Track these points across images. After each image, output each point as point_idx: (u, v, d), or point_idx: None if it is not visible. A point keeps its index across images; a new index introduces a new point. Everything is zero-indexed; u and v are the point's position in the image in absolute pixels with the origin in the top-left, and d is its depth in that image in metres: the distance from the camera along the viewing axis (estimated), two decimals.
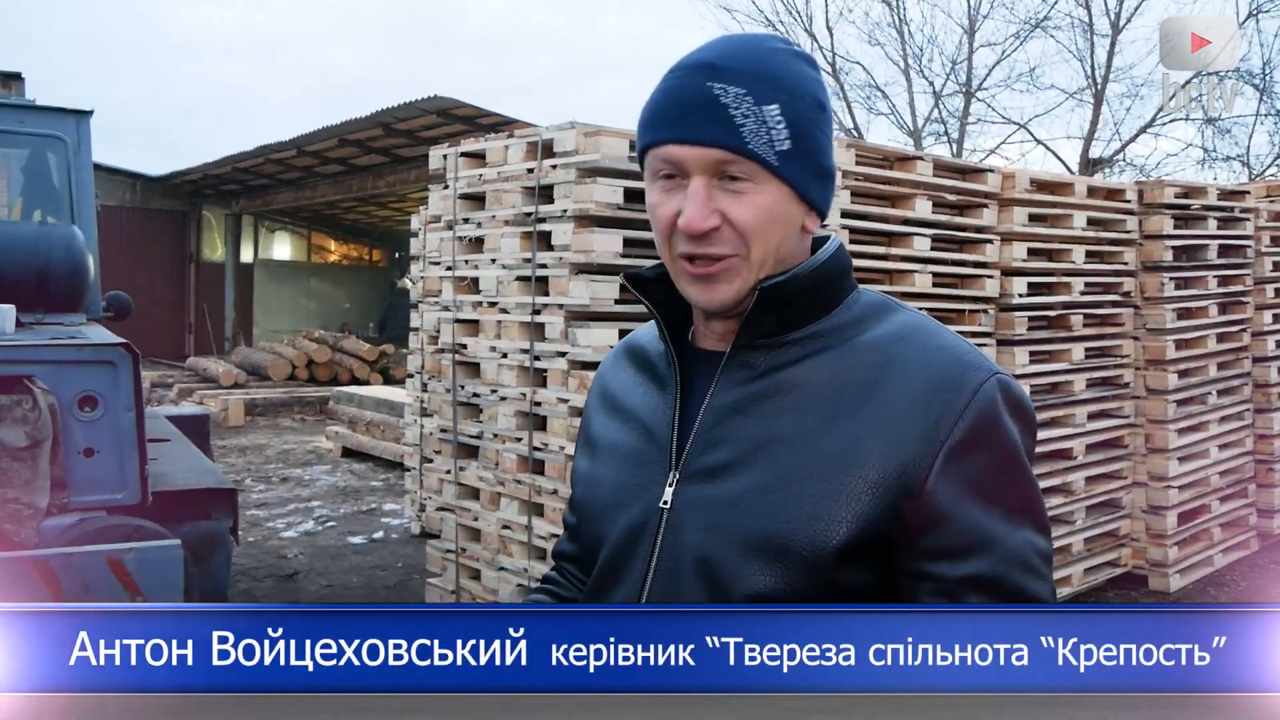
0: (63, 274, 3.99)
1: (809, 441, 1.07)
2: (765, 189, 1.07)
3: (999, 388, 1.08)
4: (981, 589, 1.05)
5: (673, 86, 1.09)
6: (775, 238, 1.09)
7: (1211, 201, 6.26)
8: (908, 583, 1.07)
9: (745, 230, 1.07)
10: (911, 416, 1.05)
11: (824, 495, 1.05)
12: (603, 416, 1.28)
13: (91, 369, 3.17)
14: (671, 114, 1.08)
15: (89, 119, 4.63)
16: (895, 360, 1.09)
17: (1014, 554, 1.06)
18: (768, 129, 1.06)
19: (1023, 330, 5.27)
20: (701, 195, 1.06)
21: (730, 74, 1.06)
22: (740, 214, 1.07)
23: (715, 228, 1.07)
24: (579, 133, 3.67)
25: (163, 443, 4.20)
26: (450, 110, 11.72)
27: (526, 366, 3.87)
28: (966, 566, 1.04)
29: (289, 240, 22.29)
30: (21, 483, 3.01)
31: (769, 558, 1.06)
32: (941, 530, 1.04)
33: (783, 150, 1.06)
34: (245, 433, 12.30)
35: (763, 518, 1.06)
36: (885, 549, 1.06)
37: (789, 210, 1.10)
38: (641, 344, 1.29)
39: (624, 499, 1.17)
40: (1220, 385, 6.34)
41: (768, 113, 1.06)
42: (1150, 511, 5.93)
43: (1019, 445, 1.09)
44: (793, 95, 1.08)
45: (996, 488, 1.06)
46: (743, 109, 1.05)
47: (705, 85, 1.06)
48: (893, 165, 4.87)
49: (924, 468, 1.04)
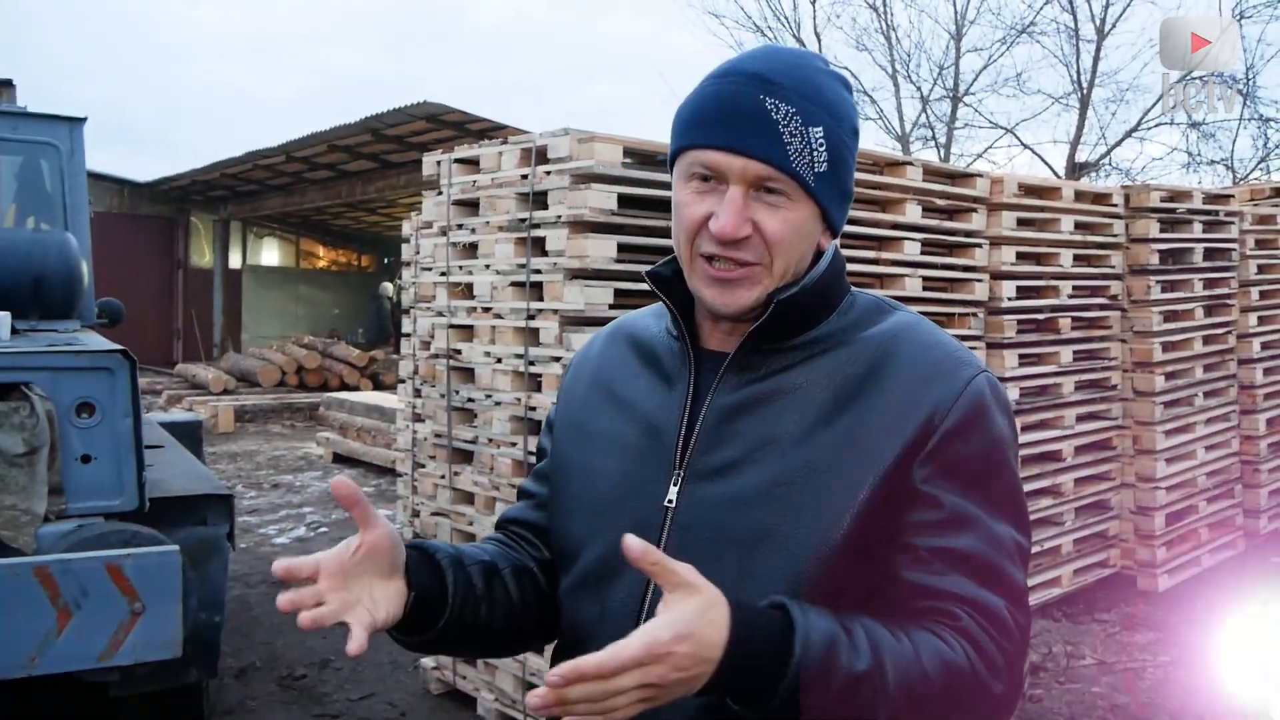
0: (57, 280, 3.99)
1: (810, 438, 1.10)
2: (799, 206, 1.11)
3: (988, 384, 1.13)
4: (957, 560, 1.07)
5: (724, 92, 1.10)
6: (798, 253, 1.13)
7: (1197, 205, 6.33)
8: (892, 561, 1.09)
9: (775, 242, 1.11)
10: (907, 409, 1.09)
11: (828, 488, 1.07)
12: (596, 403, 1.28)
13: (89, 375, 3.17)
14: (721, 120, 1.09)
15: (82, 125, 4.63)
16: (891, 356, 1.13)
17: (995, 537, 1.08)
18: (811, 150, 1.09)
19: (1012, 333, 5.31)
20: (739, 203, 1.09)
21: (782, 91, 1.08)
22: (773, 227, 1.10)
23: (747, 236, 1.10)
24: (573, 139, 3.69)
25: (158, 449, 4.20)
26: (439, 115, 11.73)
27: (521, 371, 3.89)
28: (944, 540, 1.07)
29: (277, 246, 22.22)
30: (19, 489, 3.01)
31: (777, 553, 1.08)
32: (925, 507, 1.07)
33: (820, 172, 1.10)
34: (235, 439, 12.27)
35: (769, 514, 1.08)
36: (886, 538, 1.08)
37: (814, 228, 1.14)
38: (641, 334, 1.29)
39: (624, 493, 1.18)
40: (1206, 387, 6.39)
41: (813, 134, 1.09)
42: (1138, 512, 5.98)
43: (1006, 439, 1.13)
44: (836, 119, 1.11)
45: (982, 476, 1.10)
46: (791, 127, 1.08)
47: (759, 98, 1.08)
48: (883, 170, 4.90)
49: (917, 455, 1.08)
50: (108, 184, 18.77)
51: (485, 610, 1.20)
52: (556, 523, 1.28)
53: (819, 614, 1.00)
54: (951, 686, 1.02)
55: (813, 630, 0.97)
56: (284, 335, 18.85)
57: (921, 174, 4.95)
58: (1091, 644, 5.06)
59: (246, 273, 21.24)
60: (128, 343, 3.56)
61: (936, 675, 1.01)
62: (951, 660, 1.03)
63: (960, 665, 1.03)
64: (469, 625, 1.19)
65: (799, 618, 0.98)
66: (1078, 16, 15.02)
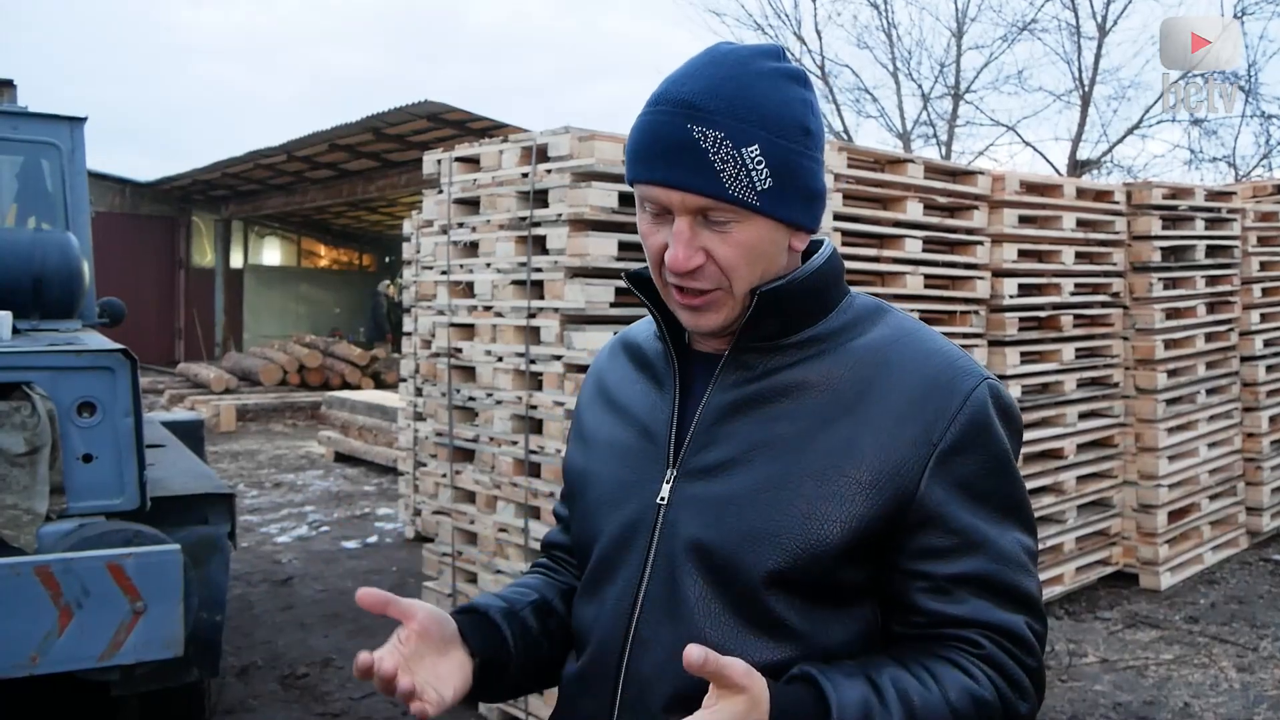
0: (58, 280, 3.99)
1: (805, 442, 1.09)
2: (748, 227, 1.09)
3: (990, 393, 1.11)
4: (973, 585, 1.08)
5: (654, 124, 1.08)
6: (759, 269, 1.12)
7: (1199, 202, 6.32)
8: (899, 581, 1.10)
9: (729, 267, 1.10)
10: (905, 419, 1.08)
11: (819, 495, 1.07)
12: (597, 411, 1.30)
13: (90, 375, 3.16)
14: (654, 153, 1.08)
15: (83, 125, 4.62)
16: (890, 363, 1.11)
17: (1005, 552, 1.09)
18: (748, 172, 1.06)
19: (1013, 331, 5.31)
20: (686, 235, 1.08)
21: (709, 116, 1.05)
22: (724, 253, 1.09)
23: (700, 265, 1.09)
24: (573, 137, 3.69)
25: (159, 448, 4.20)
26: (440, 115, 11.73)
27: (522, 370, 3.89)
28: (959, 565, 1.07)
29: (279, 245, 22.22)
30: (21, 488, 3.01)
31: (764, 555, 1.08)
32: (934, 531, 1.07)
33: (765, 190, 1.07)
34: (237, 438, 12.28)
35: (759, 516, 1.08)
36: (879, 548, 1.09)
37: (773, 238, 1.11)
38: (638, 340, 1.31)
39: (620, 496, 1.19)
40: (1209, 384, 6.39)
41: (747, 155, 1.05)
42: (1141, 510, 5.98)
43: (1008, 449, 1.12)
44: (773, 130, 1.07)
45: (987, 490, 1.09)
46: (722, 153, 1.05)
47: (686, 127, 1.05)
48: (884, 168, 4.90)
49: (917, 469, 1.07)
50: (109, 184, 18.77)
51: (547, 647, 1.26)
52: (573, 533, 1.31)
53: (849, 680, 1.03)
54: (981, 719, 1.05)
55: (846, 704, 1.00)
56: (285, 334, 18.86)
57: (923, 171, 4.95)
58: (1094, 642, 5.06)
59: (248, 272, 21.25)
60: (129, 342, 3.55)
61: (967, 714, 1.04)
62: (979, 695, 1.05)
63: (987, 699, 1.05)
64: (537, 667, 1.25)
65: (831, 694, 1.00)
66: (1079, 13, 15.04)
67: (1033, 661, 1.09)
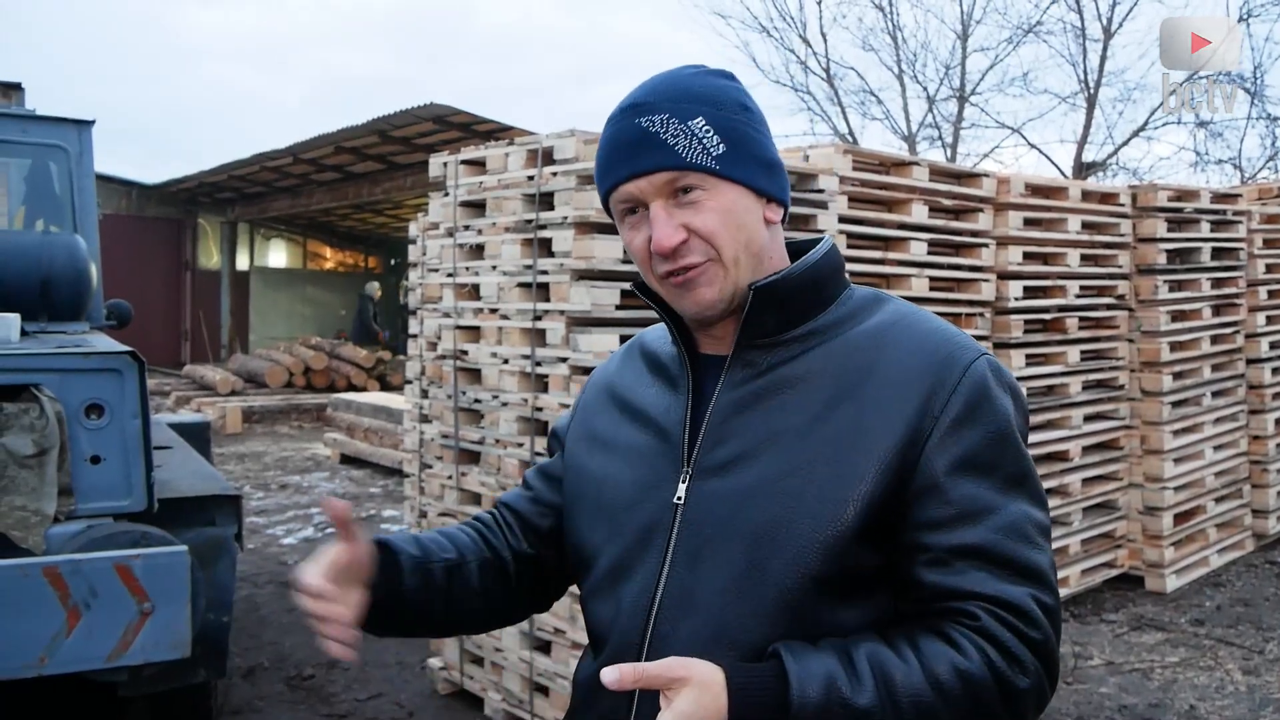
0: (65, 282, 4.00)
1: (813, 429, 1.11)
2: (718, 193, 1.15)
3: (989, 365, 1.14)
4: (973, 557, 1.07)
5: (612, 134, 1.18)
6: (742, 235, 1.16)
7: (1204, 205, 6.31)
8: (904, 557, 1.10)
9: (710, 234, 1.15)
10: (907, 395, 1.10)
11: (832, 478, 1.09)
12: (612, 415, 1.32)
13: (98, 377, 3.17)
14: (616, 157, 1.17)
15: (90, 128, 4.64)
16: (888, 345, 1.14)
17: (1007, 523, 1.08)
18: (699, 140, 1.14)
19: (1019, 333, 5.31)
20: (663, 216, 1.15)
21: (652, 107, 1.15)
22: (701, 221, 1.15)
23: (684, 240, 1.14)
24: (579, 140, 3.70)
25: (166, 450, 4.21)
26: (446, 117, 11.75)
27: (528, 372, 3.89)
28: (958, 535, 1.07)
29: (285, 247, 22.27)
30: (29, 490, 3.02)
31: (784, 545, 1.09)
32: (934, 501, 1.08)
33: (719, 154, 1.14)
34: (243, 440, 12.30)
35: (776, 506, 1.10)
36: (891, 527, 1.09)
37: (746, 205, 1.17)
38: (651, 346, 1.34)
39: (638, 496, 1.21)
40: (1215, 387, 6.38)
41: (694, 125, 1.14)
42: (1146, 513, 5.97)
43: (1011, 418, 1.13)
44: (714, 105, 1.16)
45: (990, 460, 1.10)
46: (670, 129, 1.14)
47: (635, 123, 1.15)
48: (889, 170, 4.90)
49: (920, 442, 1.08)
50: (116, 186, 18.83)
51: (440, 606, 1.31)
52: (575, 532, 1.31)
53: (817, 654, 1.03)
54: (969, 695, 1.03)
55: (808, 676, 1.01)
56: (291, 336, 18.88)
57: (928, 174, 4.95)
58: (1099, 644, 5.05)
59: (254, 274, 21.29)
60: (136, 344, 3.57)
61: (951, 687, 1.02)
62: (963, 668, 1.03)
63: (973, 672, 1.03)
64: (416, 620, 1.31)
65: (791, 666, 1.01)
66: (1084, 16, 15.00)
67: (1037, 635, 1.06)
